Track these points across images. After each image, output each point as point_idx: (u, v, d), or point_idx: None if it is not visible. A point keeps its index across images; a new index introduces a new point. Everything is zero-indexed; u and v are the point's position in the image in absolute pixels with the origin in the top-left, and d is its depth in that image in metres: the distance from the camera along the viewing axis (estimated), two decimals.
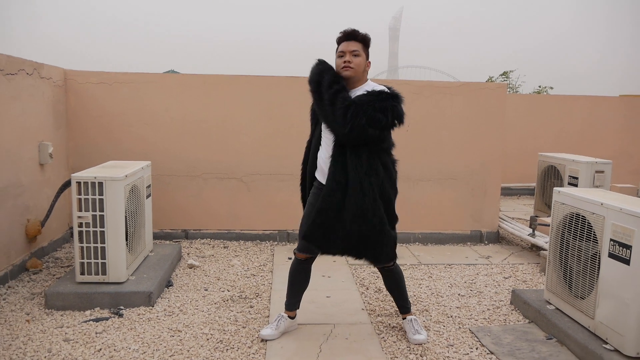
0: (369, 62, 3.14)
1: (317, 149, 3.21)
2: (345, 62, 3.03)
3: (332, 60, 3.16)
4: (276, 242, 5.59)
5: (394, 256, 3.21)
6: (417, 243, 5.74)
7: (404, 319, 3.43)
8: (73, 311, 3.60)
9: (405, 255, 5.22)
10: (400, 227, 5.82)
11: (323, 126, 3.13)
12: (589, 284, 3.17)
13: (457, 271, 4.79)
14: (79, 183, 3.65)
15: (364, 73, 3.11)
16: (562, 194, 3.49)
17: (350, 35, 3.06)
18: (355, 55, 3.03)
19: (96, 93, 5.38)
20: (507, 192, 8.81)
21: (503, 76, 18.24)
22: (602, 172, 5.47)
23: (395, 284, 3.37)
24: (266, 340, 3.24)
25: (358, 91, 3.06)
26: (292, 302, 3.38)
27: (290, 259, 4.96)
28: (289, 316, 3.37)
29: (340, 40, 3.09)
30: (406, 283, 4.37)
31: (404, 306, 3.42)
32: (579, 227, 3.28)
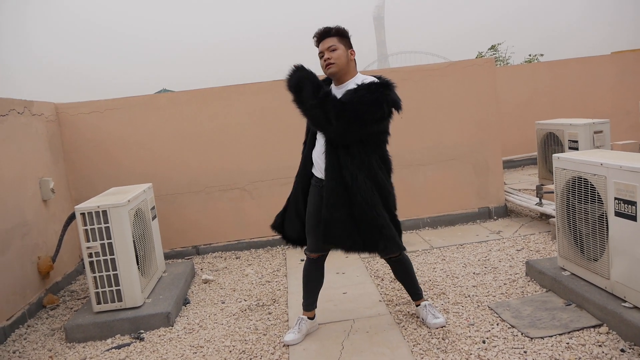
0: (353, 51, 3.11)
1: (312, 148, 3.22)
2: (325, 60, 3.04)
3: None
4: (287, 246, 5.59)
5: (401, 246, 3.14)
6: (426, 228, 5.74)
7: (417, 305, 3.43)
8: (94, 341, 3.63)
9: (416, 242, 5.22)
10: (408, 214, 5.83)
11: None
12: (600, 245, 3.17)
13: (469, 250, 4.79)
14: (83, 214, 3.67)
15: (350, 63, 3.09)
16: (562, 160, 3.49)
17: (323, 34, 3.08)
18: (332, 50, 3.02)
19: (89, 123, 5.40)
20: (510, 164, 8.78)
21: (491, 50, 18.21)
22: (601, 132, 5.45)
23: (404, 272, 3.37)
24: (289, 345, 3.25)
25: (349, 85, 3.06)
26: (309, 302, 3.38)
27: (302, 260, 4.97)
28: (308, 317, 3.37)
29: (317, 43, 3.11)
30: (420, 268, 4.41)
31: (416, 293, 3.41)
32: (582, 190, 3.28)
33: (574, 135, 5.60)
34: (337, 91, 3.08)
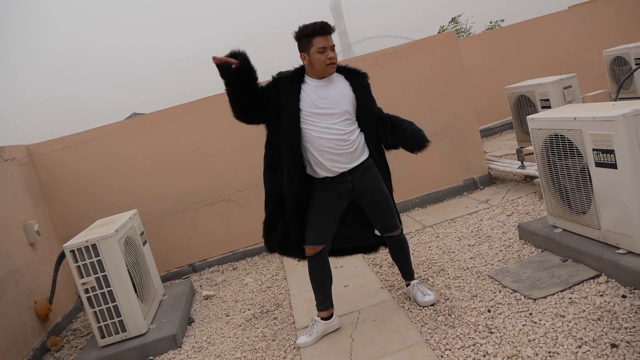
0: None
1: (299, 146, 3.10)
2: (330, 58, 3.01)
3: None
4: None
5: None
6: (416, 208, 5.77)
7: (408, 285, 3.49)
8: None
9: (408, 223, 5.25)
10: (395, 197, 5.83)
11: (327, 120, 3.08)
12: (586, 198, 3.21)
13: (461, 223, 4.83)
14: (72, 251, 3.63)
15: None
16: (537, 120, 3.53)
17: (327, 29, 3.01)
18: (333, 50, 3.03)
19: (64, 159, 5.34)
20: (488, 132, 8.85)
21: (452, 22, 18.32)
22: (570, 86, 5.50)
23: (403, 251, 3.43)
24: (299, 348, 3.24)
25: (334, 78, 3.14)
26: (322, 301, 3.30)
27: (300, 261, 4.97)
28: (322, 318, 3.29)
29: (315, 34, 3.00)
30: (416, 249, 4.47)
31: (409, 272, 3.49)
32: (561, 147, 3.31)
33: (545, 94, 5.65)
34: (321, 85, 3.10)
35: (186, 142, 5.49)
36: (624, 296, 2.79)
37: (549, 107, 5.52)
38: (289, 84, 3.11)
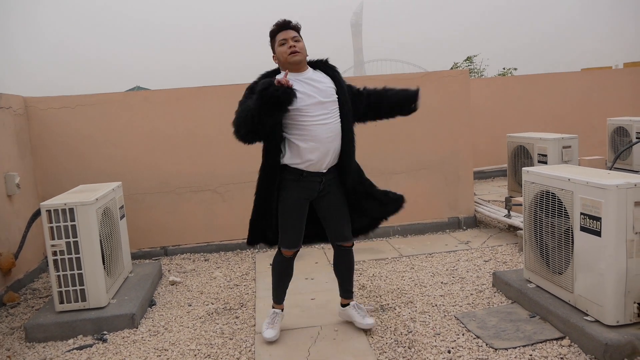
0: None
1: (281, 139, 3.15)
2: (291, 47, 3.09)
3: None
4: (257, 250, 5.56)
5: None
6: (397, 236, 5.77)
7: (347, 305, 3.48)
8: (55, 342, 3.54)
9: (386, 249, 5.25)
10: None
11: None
12: (565, 259, 3.23)
13: (438, 259, 4.84)
14: (49, 211, 3.58)
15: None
16: (531, 174, 3.55)
17: (285, 25, 3.15)
18: (296, 41, 3.12)
19: (59, 118, 5.29)
20: (481, 175, 8.90)
21: (467, 61, 18.49)
22: (569, 147, 5.56)
23: (350, 265, 3.45)
24: (269, 342, 3.28)
25: (309, 73, 3.18)
26: (283, 294, 3.45)
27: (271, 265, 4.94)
28: (281, 310, 3.44)
29: (275, 32, 3.16)
30: (389, 276, 4.47)
31: (350, 290, 3.49)
32: (550, 204, 3.34)
33: (544, 149, 5.71)
34: (297, 77, 3.12)
35: (183, 126, 5.46)
36: None
37: (546, 162, 5.57)
38: None
